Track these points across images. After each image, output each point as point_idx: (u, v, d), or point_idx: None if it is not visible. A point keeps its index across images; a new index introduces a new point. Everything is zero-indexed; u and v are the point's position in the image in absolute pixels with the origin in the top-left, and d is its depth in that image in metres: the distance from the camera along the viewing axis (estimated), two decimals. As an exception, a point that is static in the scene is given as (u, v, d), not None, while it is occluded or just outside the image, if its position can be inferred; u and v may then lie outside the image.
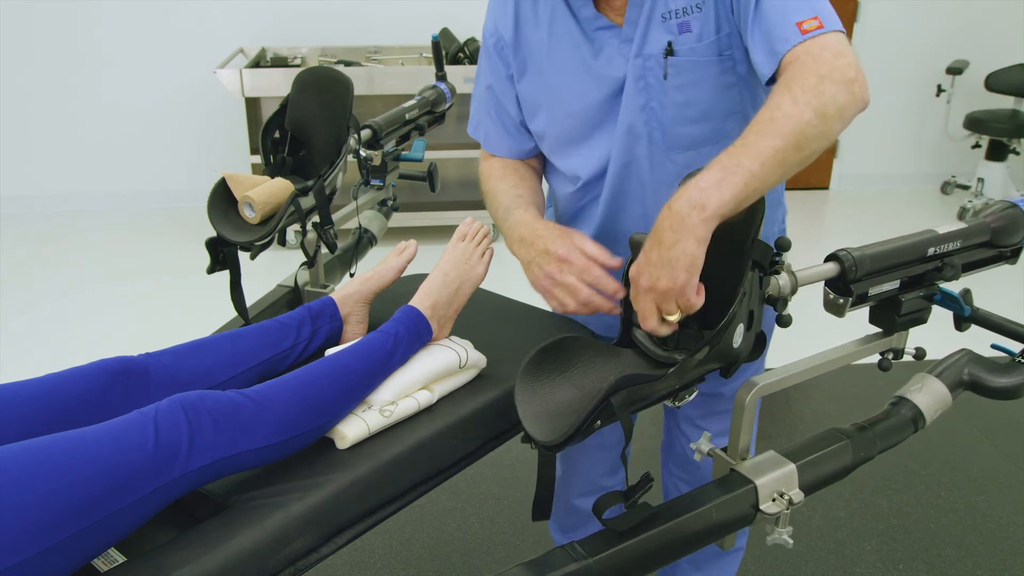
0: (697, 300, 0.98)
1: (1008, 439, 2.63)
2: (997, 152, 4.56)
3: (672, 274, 0.94)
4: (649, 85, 1.17)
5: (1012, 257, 1.28)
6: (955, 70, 4.53)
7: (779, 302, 1.07)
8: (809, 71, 1.00)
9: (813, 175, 5.04)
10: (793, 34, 1.03)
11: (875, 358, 1.25)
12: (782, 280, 1.06)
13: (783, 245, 1.05)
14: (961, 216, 4.39)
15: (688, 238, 0.94)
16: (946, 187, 4.94)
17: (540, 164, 1.40)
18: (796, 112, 0.97)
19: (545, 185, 1.42)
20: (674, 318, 0.99)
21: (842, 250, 1.12)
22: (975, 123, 4.55)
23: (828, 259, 1.13)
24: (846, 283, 1.12)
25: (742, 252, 1.01)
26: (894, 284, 1.17)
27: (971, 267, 1.25)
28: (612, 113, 1.22)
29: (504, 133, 1.36)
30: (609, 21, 1.18)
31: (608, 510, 0.97)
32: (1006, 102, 4.73)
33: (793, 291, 1.07)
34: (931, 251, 1.17)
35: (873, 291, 1.15)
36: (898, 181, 4.99)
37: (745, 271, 1.00)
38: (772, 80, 1.07)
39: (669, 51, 1.13)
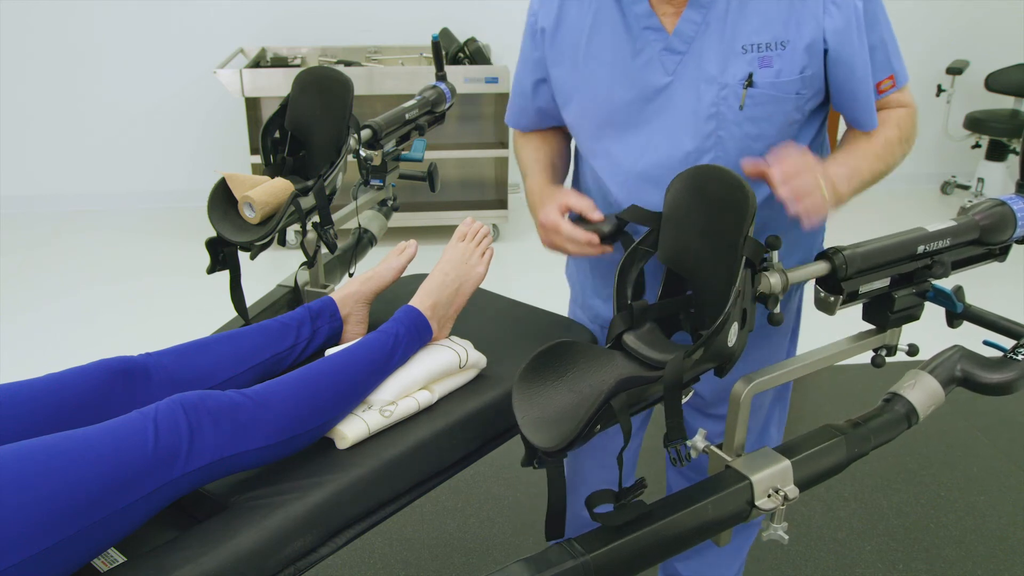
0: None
1: (1008, 439, 2.64)
2: (997, 152, 4.57)
3: (814, 200, 1.07)
4: (721, 113, 1.16)
5: (1001, 255, 1.29)
6: (955, 70, 4.53)
7: (770, 299, 1.08)
8: (910, 117, 1.24)
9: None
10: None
11: (869, 355, 1.26)
12: (773, 278, 1.06)
13: (773, 243, 1.05)
14: (961, 216, 4.38)
15: (827, 206, 1.09)
16: (946, 187, 4.94)
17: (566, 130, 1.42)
18: (899, 151, 1.23)
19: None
20: (824, 183, 1.08)
21: (832, 248, 1.13)
22: (975, 123, 4.55)
23: (819, 257, 1.13)
24: (836, 281, 1.13)
25: (735, 250, 1.01)
26: (884, 282, 1.17)
27: (960, 265, 1.25)
28: (638, 117, 1.22)
29: (521, 100, 1.40)
30: (659, 23, 1.17)
31: (599, 507, 0.97)
32: (1006, 102, 4.73)
33: (784, 289, 1.07)
34: (921, 249, 1.18)
35: (864, 289, 1.16)
36: (898, 181, 4.95)
37: (739, 269, 1.00)
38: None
39: (749, 82, 1.14)
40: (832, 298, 1.14)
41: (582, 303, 1.50)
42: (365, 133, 1.62)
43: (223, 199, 1.42)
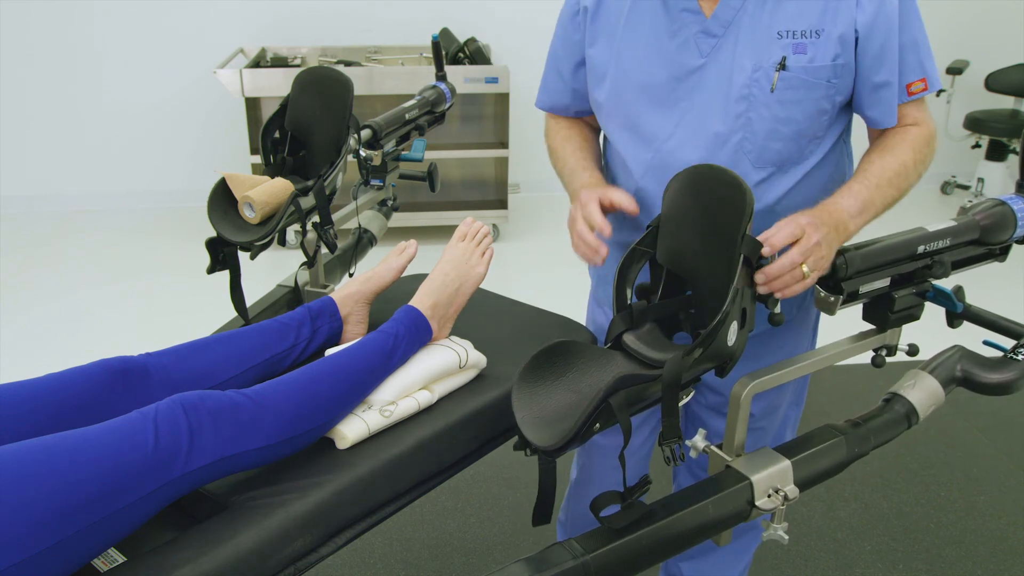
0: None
1: (1008, 439, 2.64)
2: (997, 152, 4.57)
3: (830, 253, 1.12)
4: (752, 95, 1.19)
5: (1001, 255, 1.29)
6: (955, 70, 4.53)
7: (770, 300, 1.08)
8: (926, 140, 1.25)
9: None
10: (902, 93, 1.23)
11: (869, 355, 1.26)
12: None
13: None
14: (961, 216, 4.38)
15: (836, 243, 1.13)
16: (946, 187, 4.94)
17: (595, 121, 1.44)
18: (914, 175, 1.23)
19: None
20: (807, 270, 1.10)
21: None
22: (975, 123, 4.55)
23: None
24: (837, 281, 1.13)
25: (733, 247, 1.01)
26: (885, 282, 1.18)
27: (960, 265, 1.25)
28: (669, 97, 1.24)
29: (556, 82, 1.41)
30: (697, 6, 1.20)
31: (606, 509, 0.98)
32: (1006, 102, 4.73)
33: None
34: (921, 249, 1.18)
35: (864, 289, 1.16)
36: (898, 181, 4.98)
37: (736, 267, 1.00)
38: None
39: (782, 65, 1.17)
40: (832, 298, 1.14)
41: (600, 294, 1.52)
42: (365, 133, 1.62)
43: (223, 199, 1.41)
